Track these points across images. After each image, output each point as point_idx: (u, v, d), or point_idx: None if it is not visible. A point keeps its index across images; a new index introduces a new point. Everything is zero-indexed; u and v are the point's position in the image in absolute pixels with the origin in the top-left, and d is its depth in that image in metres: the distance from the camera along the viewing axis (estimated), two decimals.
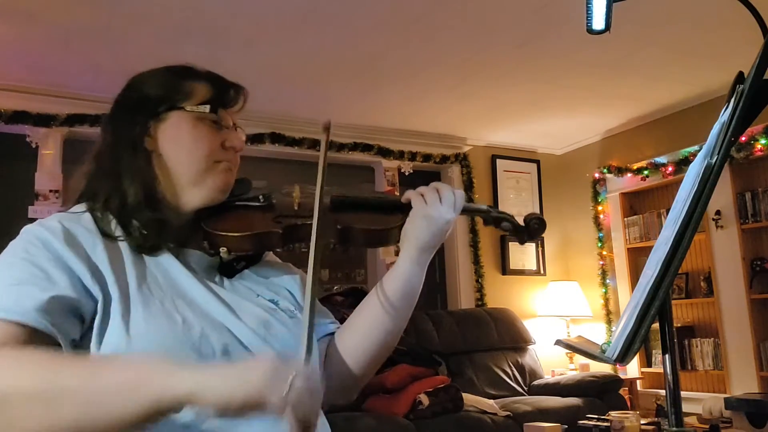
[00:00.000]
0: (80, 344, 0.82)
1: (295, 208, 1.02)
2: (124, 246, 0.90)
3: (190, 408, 0.67)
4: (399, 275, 1.01)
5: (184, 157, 0.95)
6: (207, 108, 0.96)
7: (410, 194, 1.03)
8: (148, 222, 0.91)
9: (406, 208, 1.03)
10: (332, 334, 1.06)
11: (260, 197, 1.04)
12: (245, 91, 1.02)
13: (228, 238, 0.95)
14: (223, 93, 0.99)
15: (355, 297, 4.01)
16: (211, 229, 0.95)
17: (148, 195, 0.93)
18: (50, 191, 3.95)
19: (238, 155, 1.01)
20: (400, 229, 1.02)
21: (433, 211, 1.00)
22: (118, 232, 0.90)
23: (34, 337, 0.76)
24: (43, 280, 0.80)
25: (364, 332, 1.01)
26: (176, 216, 0.96)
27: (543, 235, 5.42)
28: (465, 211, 1.07)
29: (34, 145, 3.97)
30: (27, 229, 0.88)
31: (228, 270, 0.99)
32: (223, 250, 0.95)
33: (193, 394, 0.66)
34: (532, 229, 1.12)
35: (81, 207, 0.94)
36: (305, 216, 0.98)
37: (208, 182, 0.96)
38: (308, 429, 0.66)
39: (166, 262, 0.91)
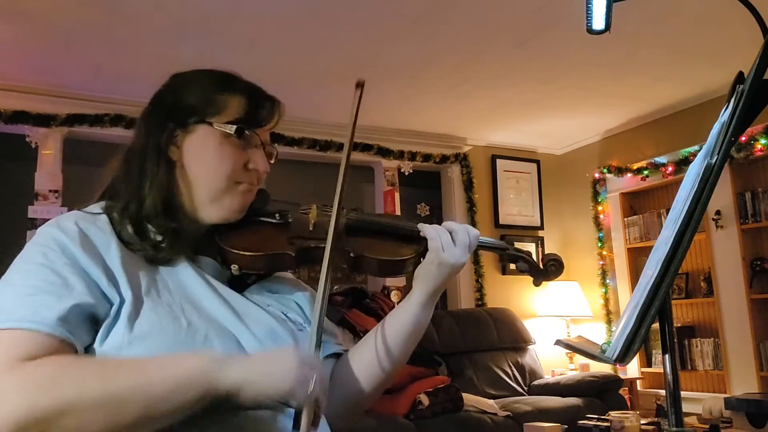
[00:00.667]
0: (90, 345, 0.83)
1: (310, 228, 1.01)
2: (135, 256, 0.90)
3: (234, 396, 0.75)
4: (410, 314, 1.02)
5: (206, 174, 0.94)
6: (233, 129, 0.94)
7: (427, 233, 1.01)
8: (164, 230, 0.91)
9: (421, 240, 1.02)
10: (337, 355, 1.06)
11: (277, 215, 1.03)
12: (281, 107, 1.02)
13: (240, 256, 0.95)
14: (257, 110, 0.98)
15: (355, 297, 4.01)
16: (225, 245, 0.95)
17: (166, 204, 0.93)
18: (50, 191, 3.95)
19: (263, 175, 1.00)
20: (413, 263, 1.02)
21: (449, 258, 0.99)
22: (133, 239, 0.90)
23: (56, 346, 0.77)
24: (61, 288, 0.80)
25: (368, 366, 1.01)
26: (192, 226, 0.96)
27: (543, 235, 5.48)
28: (481, 247, 1.06)
29: (33, 145, 3.97)
30: (43, 231, 0.87)
31: (239, 283, 0.99)
32: (234, 267, 0.95)
33: (238, 388, 0.74)
34: (550, 272, 1.10)
35: (97, 207, 0.94)
36: (319, 238, 0.96)
37: (225, 202, 0.96)
38: (318, 417, 0.75)
39: (179, 266, 0.92)
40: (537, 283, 1.12)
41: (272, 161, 1.02)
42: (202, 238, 0.97)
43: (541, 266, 1.10)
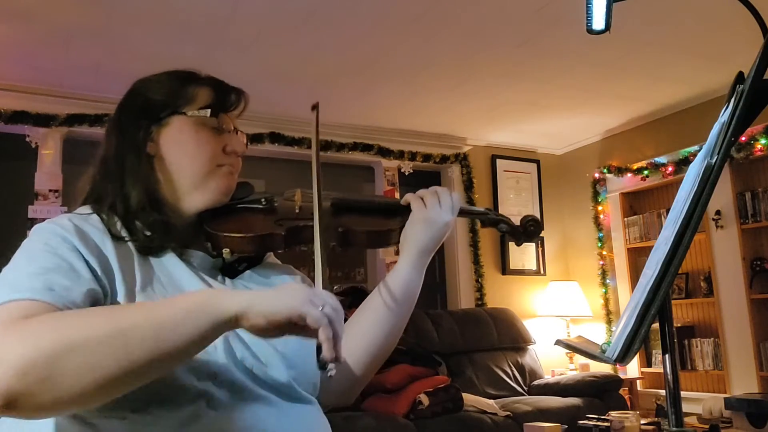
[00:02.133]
0: None
1: (297, 211, 1.03)
2: (131, 246, 0.91)
3: (243, 324, 0.73)
4: (399, 277, 1.03)
5: (187, 161, 0.97)
6: (208, 112, 0.98)
7: (409, 197, 1.05)
8: (152, 224, 0.92)
9: (405, 211, 1.05)
10: None
11: (262, 200, 1.05)
12: (246, 95, 1.05)
13: (231, 239, 0.96)
14: (225, 97, 1.01)
15: (355, 296, 4.01)
16: (214, 230, 0.97)
17: (151, 198, 0.94)
18: (50, 191, 3.95)
19: (240, 159, 1.03)
20: (400, 231, 1.04)
21: (433, 214, 1.02)
22: (123, 233, 0.91)
23: None
24: (69, 271, 0.81)
25: (365, 333, 1.03)
26: (178, 218, 0.97)
27: (543, 235, 5.47)
28: (463, 213, 1.09)
29: (33, 145, 3.97)
30: (40, 227, 0.88)
31: (230, 271, 1.00)
32: (225, 251, 0.96)
33: (245, 311, 0.72)
34: (528, 231, 1.15)
35: (87, 209, 0.95)
36: (307, 218, 0.99)
37: (210, 185, 0.98)
38: (338, 343, 0.71)
39: (169, 261, 0.93)
40: (518, 243, 1.17)
41: (246, 147, 1.06)
42: (190, 231, 0.98)
43: (520, 227, 1.15)
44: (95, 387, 0.69)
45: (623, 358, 0.79)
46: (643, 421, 2.66)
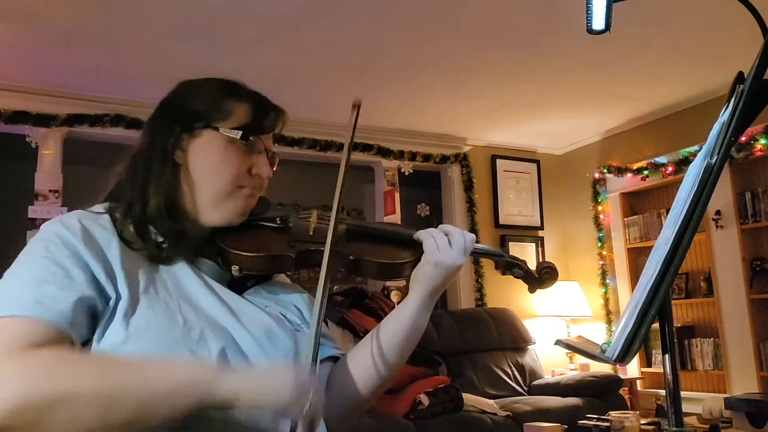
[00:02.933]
0: (88, 341, 0.84)
1: (311, 233, 1.03)
2: (136, 255, 0.91)
3: (229, 408, 0.76)
4: (407, 317, 1.02)
5: (210, 178, 0.97)
6: (239, 134, 0.97)
7: (422, 235, 1.03)
8: (167, 232, 0.93)
9: (418, 245, 1.03)
10: (334, 359, 1.07)
11: (278, 219, 1.05)
12: (285, 116, 1.04)
13: (241, 257, 0.96)
14: (262, 117, 1.00)
15: (355, 297, 4.01)
16: (226, 246, 0.97)
17: (170, 206, 0.95)
18: (50, 191, 3.95)
19: (265, 181, 1.02)
20: (411, 266, 1.03)
21: (445, 258, 1.00)
22: (134, 239, 0.91)
23: (55, 336, 0.78)
24: (63, 278, 0.82)
25: (366, 366, 1.02)
26: (193, 229, 0.97)
27: (543, 235, 5.47)
28: (476, 253, 1.07)
29: (34, 145, 3.97)
30: (47, 227, 0.89)
31: (238, 286, 1.00)
32: (235, 268, 0.97)
33: (234, 398, 0.75)
34: (543, 279, 1.12)
35: (101, 207, 0.95)
36: (319, 242, 0.98)
37: (228, 206, 0.98)
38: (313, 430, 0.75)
39: (177, 267, 0.93)
40: (532, 290, 1.13)
41: (275, 168, 1.04)
42: (202, 240, 0.98)
43: (535, 274, 1.11)
44: None
45: (623, 358, 0.79)
46: (643, 421, 2.66)
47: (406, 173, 5.09)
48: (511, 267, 1.12)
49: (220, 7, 3.07)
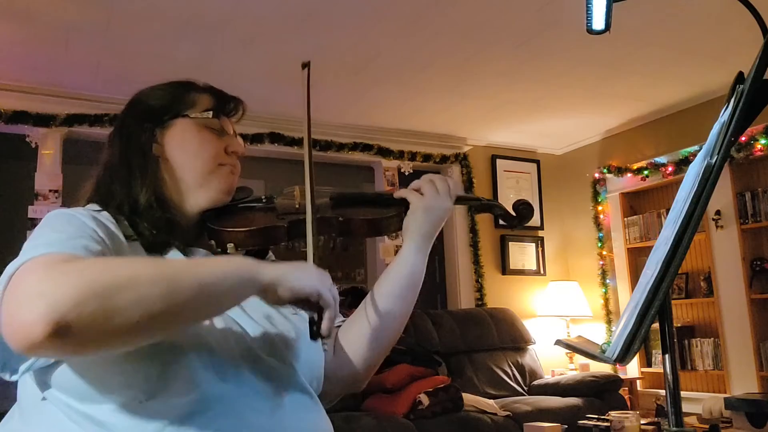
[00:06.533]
0: None
1: (296, 207, 1.05)
2: (137, 246, 0.93)
3: (270, 293, 0.82)
4: (404, 262, 1.07)
5: (191, 161, 1.00)
6: (210, 114, 1.02)
7: (403, 192, 1.08)
8: (158, 221, 0.95)
9: (402, 203, 1.08)
10: (337, 326, 1.09)
11: (263, 198, 1.09)
12: (244, 104, 1.10)
13: (235, 234, 0.99)
14: (224, 103, 1.06)
15: (355, 296, 4.01)
16: (218, 226, 0.99)
17: (158, 198, 0.98)
18: (50, 191, 3.95)
19: (239, 162, 1.07)
20: (399, 218, 1.08)
21: (432, 202, 1.06)
22: (131, 233, 0.94)
23: None
24: (93, 236, 0.84)
25: (373, 318, 1.05)
26: (183, 217, 1.00)
27: (543, 235, 5.47)
28: (459, 200, 1.12)
29: (33, 145, 3.97)
30: (56, 211, 0.90)
31: None
32: (230, 246, 0.99)
33: (276, 281, 0.81)
34: (522, 215, 1.17)
35: (95, 206, 0.97)
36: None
37: (213, 183, 1.01)
38: (334, 318, 0.83)
39: (172, 256, 0.95)
40: (513, 227, 1.19)
41: (245, 149, 1.10)
42: (193, 231, 1.02)
43: (512, 211, 1.17)
44: (141, 324, 0.71)
45: (623, 358, 0.79)
46: (643, 421, 2.66)
47: (406, 173, 5.09)
48: (490, 209, 1.19)
49: (220, 6, 3.07)
